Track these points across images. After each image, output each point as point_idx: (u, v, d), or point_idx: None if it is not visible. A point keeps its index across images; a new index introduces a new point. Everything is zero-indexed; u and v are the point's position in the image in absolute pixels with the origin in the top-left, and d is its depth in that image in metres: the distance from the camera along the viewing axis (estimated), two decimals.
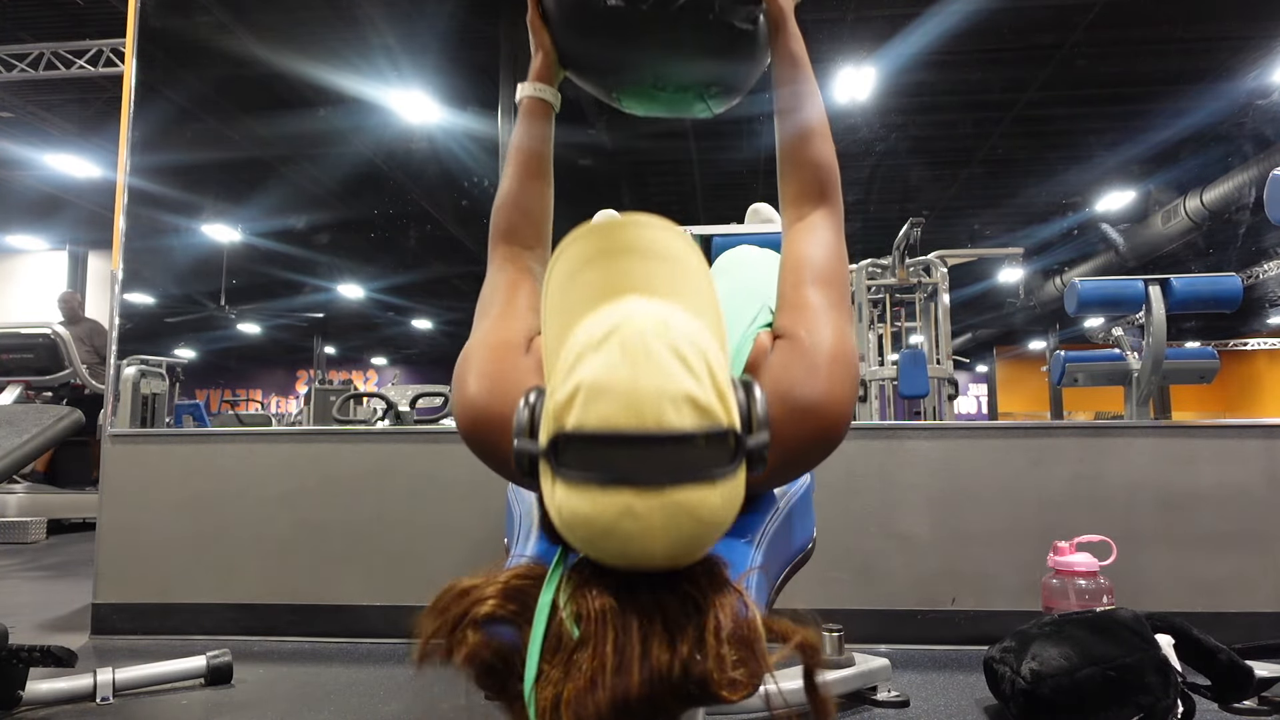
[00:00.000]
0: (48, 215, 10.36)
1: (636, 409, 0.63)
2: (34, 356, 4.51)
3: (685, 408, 0.64)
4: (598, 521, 0.65)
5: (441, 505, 2.46)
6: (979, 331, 13.56)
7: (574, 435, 0.65)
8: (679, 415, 0.63)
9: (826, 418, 0.85)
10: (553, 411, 0.66)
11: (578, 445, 0.65)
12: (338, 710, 1.81)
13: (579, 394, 0.64)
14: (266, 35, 5.83)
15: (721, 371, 0.68)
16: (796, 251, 0.97)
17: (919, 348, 5.13)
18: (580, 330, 0.68)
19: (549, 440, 0.66)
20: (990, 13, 5.33)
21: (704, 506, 0.65)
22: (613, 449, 0.64)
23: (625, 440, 0.63)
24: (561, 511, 0.67)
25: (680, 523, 0.65)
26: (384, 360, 18.73)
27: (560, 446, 0.65)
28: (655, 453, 0.63)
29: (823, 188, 1.00)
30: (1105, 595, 1.92)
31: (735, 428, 0.67)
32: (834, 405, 0.85)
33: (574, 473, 0.65)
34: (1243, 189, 7.19)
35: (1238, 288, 2.90)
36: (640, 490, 0.63)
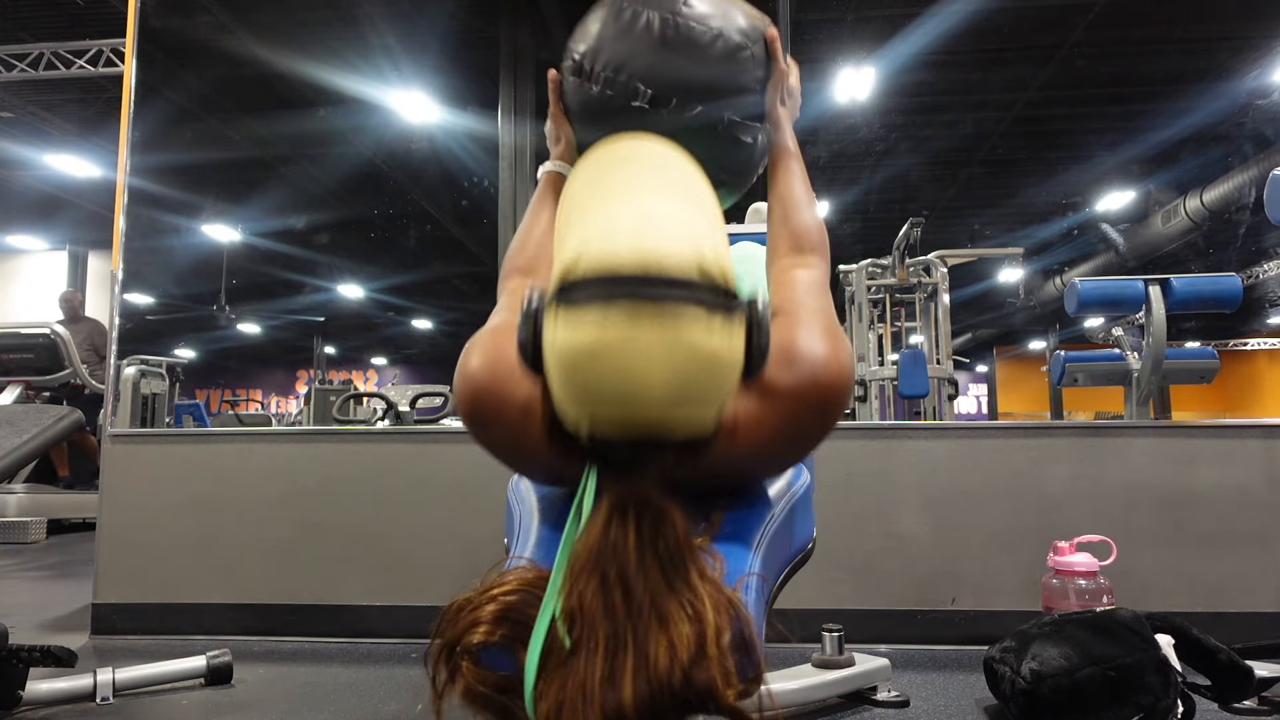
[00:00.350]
0: (48, 215, 10.36)
1: (640, 253, 0.68)
2: (34, 356, 4.51)
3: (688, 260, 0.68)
4: (599, 344, 0.67)
5: (441, 505, 2.46)
6: (979, 331, 13.56)
7: (580, 279, 0.69)
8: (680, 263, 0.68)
9: (830, 379, 0.85)
10: (561, 269, 0.71)
11: (583, 284, 0.68)
12: (338, 710, 1.81)
13: (586, 244, 0.69)
14: (266, 35, 5.83)
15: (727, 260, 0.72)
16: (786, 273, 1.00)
17: (919, 348, 5.13)
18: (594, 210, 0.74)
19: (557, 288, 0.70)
20: (990, 13, 5.33)
21: (702, 338, 0.68)
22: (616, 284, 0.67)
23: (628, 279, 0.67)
24: (563, 349, 0.69)
25: (679, 350, 0.67)
26: (384, 360, 18.73)
27: (567, 289, 0.69)
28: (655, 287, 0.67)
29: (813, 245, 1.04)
30: (1105, 595, 1.92)
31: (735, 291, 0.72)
32: (836, 366, 0.86)
33: (578, 301, 0.68)
34: (1243, 189, 7.19)
35: (1238, 288, 2.90)
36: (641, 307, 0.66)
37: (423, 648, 0.72)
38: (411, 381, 15.15)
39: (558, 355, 0.70)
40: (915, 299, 5.39)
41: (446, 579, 2.27)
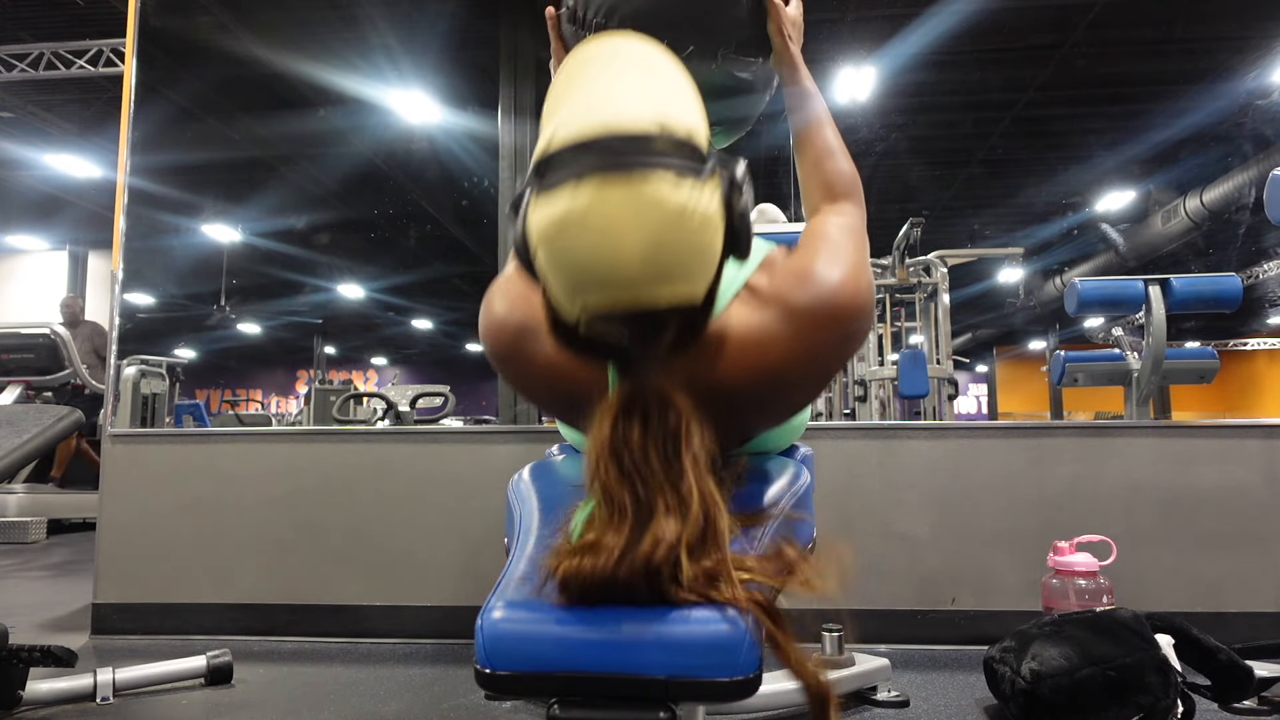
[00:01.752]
0: (48, 215, 10.36)
1: (606, 118, 0.69)
2: (34, 356, 4.51)
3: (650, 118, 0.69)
4: (570, 214, 0.68)
5: (441, 505, 2.46)
6: (979, 331, 13.57)
7: (553, 155, 0.70)
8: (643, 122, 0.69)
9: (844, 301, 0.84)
10: (537, 152, 0.72)
11: (554, 161, 0.70)
12: (338, 710, 1.81)
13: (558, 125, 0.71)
14: (266, 35, 5.83)
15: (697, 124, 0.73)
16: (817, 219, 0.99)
17: (919, 348, 5.13)
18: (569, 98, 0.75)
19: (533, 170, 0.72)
20: (990, 13, 5.33)
21: (670, 195, 0.68)
22: (584, 152, 0.68)
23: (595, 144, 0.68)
24: (542, 228, 0.71)
25: (649, 212, 0.68)
26: (384, 360, 18.74)
27: (542, 169, 0.71)
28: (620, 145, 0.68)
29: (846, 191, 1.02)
30: (1105, 595, 1.92)
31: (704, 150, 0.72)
32: (852, 289, 0.85)
33: (550, 180, 0.69)
34: (1243, 189, 7.19)
35: (1238, 288, 2.90)
36: (608, 175, 0.67)
37: (423, 648, 0.73)
38: (411, 381, 15.16)
39: (539, 236, 0.71)
40: (915, 299, 5.40)
41: (446, 579, 2.29)
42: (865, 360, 5.25)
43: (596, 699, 0.73)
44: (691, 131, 0.72)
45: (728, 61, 1.05)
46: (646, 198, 0.67)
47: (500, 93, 4.47)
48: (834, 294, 0.84)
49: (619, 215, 0.67)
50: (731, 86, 1.08)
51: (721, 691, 0.71)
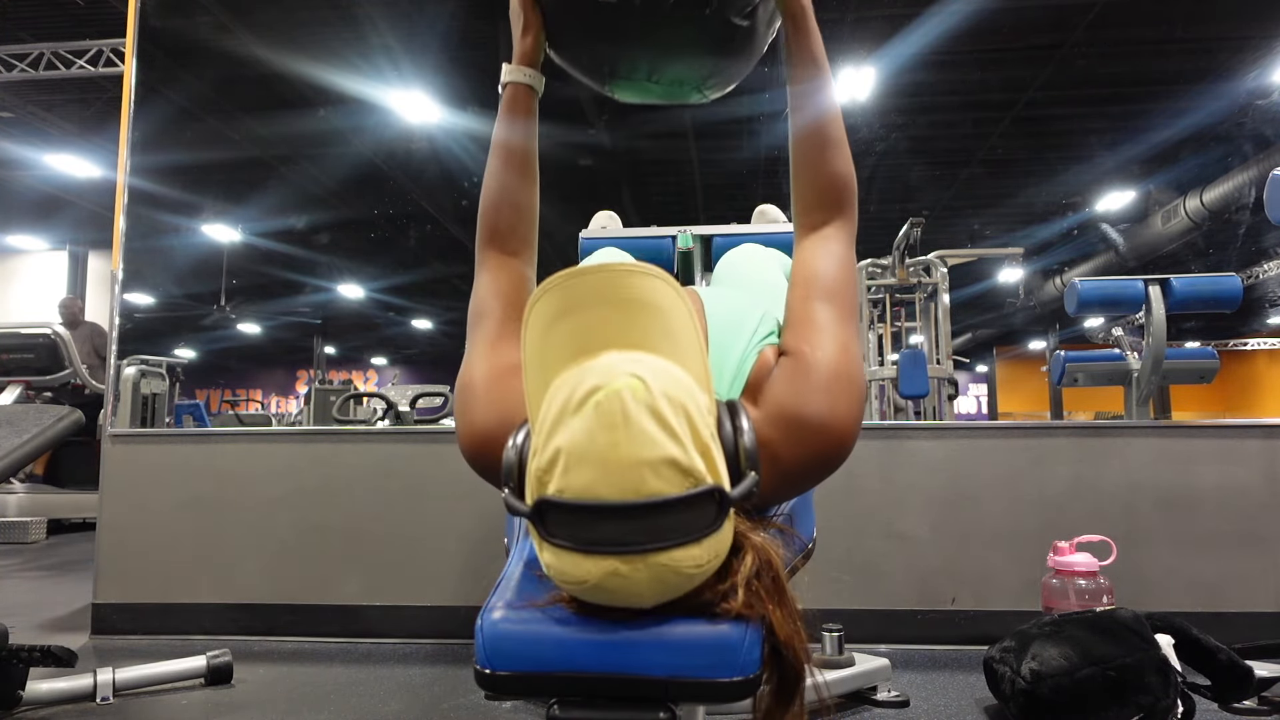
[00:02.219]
0: (48, 215, 10.35)
1: (616, 478, 0.64)
2: (34, 356, 4.51)
3: (666, 472, 0.64)
4: (585, 581, 0.67)
5: (441, 505, 2.46)
6: (979, 331, 13.55)
7: (556, 503, 0.66)
8: (659, 481, 0.64)
9: (830, 437, 0.84)
10: (535, 475, 0.67)
11: (560, 513, 0.66)
12: (338, 710, 1.81)
13: (559, 461, 0.65)
14: (266, 35, 5.82)
15: (704, 426, 0.68)
16: (807, 265, 0.94)
17: (919, 348, 5.13)
18: (558, 388, 0.68)
19: (533, 505, 0.67)
20: (990, 13, 5.33)
21: (688, 562, 0.67)
22: (594, 519, 0.65)
23: (606, 510, 0.64)
24: (550, 569, 0.70)
25: (665, 579, 0.67)
26: (384, 360, 18.73)
27: (544, 512, 0.67)
28: (637, 520, 0.64)
29: (839, 200, 0.97)
30: (1105, 595, 1.92)
31: (720, 484, 0.67)
32: (838, 425, 0.84)
33: (558, 540, 0.67)
34: (1243, 189, 7.19)
35: (1238, 288, 2.90)
36: (624, 557, 0.65)
37: (423, 648, 0.74)
38: (411, 381, 15.14)
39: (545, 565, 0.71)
40: (915, 299, 5.39)
41: (446, 579, 2.29)
42: (865, 360, 5.25)
43: (596, 699, 0.73)
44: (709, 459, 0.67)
45: (723, 6, 0.95)
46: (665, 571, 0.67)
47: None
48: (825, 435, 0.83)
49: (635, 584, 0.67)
50: (724, 40, 0.99)
51: (721, 692, 0.71)
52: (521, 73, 1.01)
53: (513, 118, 1.01)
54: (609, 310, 0.71)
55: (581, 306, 0.71)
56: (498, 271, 0.99)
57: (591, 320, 0.70)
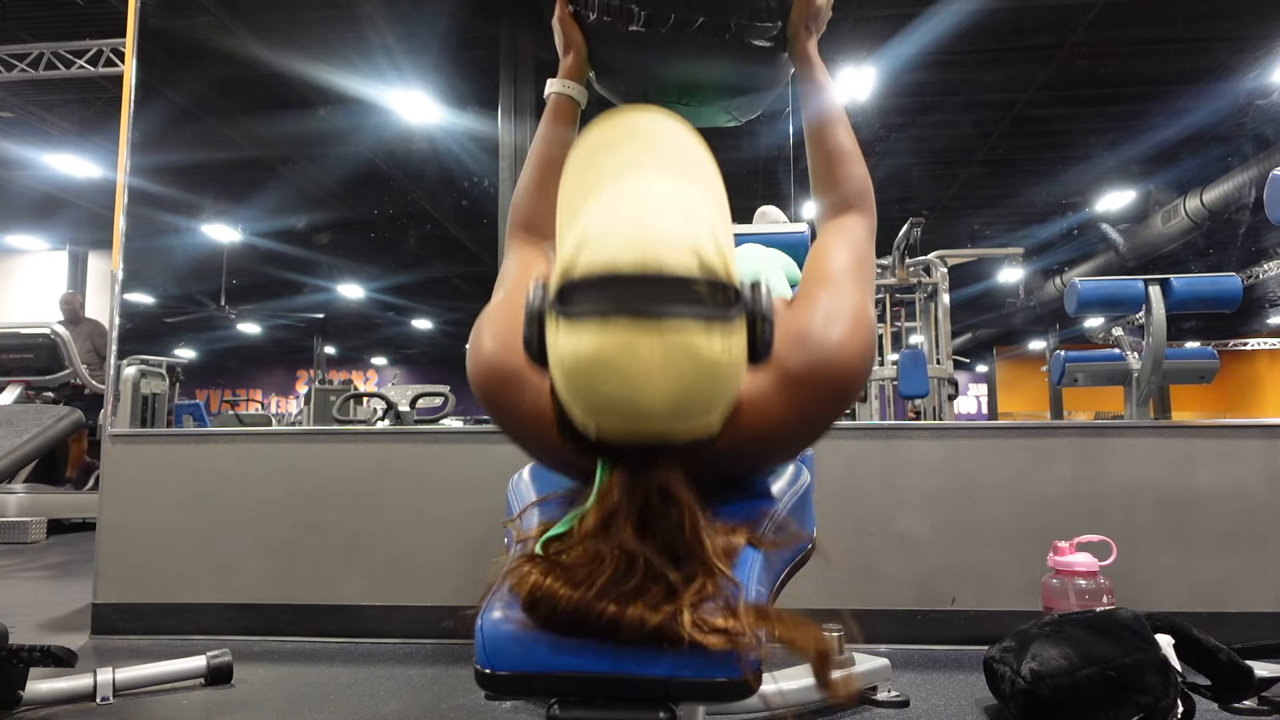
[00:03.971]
0: (48, 215, 10.35)
1: (639, 250, 0.66)
2: (34, 356, 4.51)
3: (687, 253, 0.67)
4: (599, 356, 0.67)
5: (441, 505, 2.46)
6: (979, 331, 13.56)
7: (579, 280, 0.68)
8: (680, 258, 0.67)
9: (842, 365, 0.84)
10: (560, 267, 0.70)
11: (582, 288, 0.67)
12: (338, 710, 1.81)
13: (585, 241, 0.68)
14: (266, 35, 5.83)
15: (727, 243, 0.71)
16: (825, 245, 0.97)
17: (919, 348, 5.13)
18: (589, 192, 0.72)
19: (556, 290, 0.69)
20: (990, 13, 5.33)
21: (703, 348, 0.67)
22: (615, 286, 0.66)
23: (627, 279, 0.66)
24: (564, 358, 0.69)
25: (679, 362, 0.67)
26: (384, 360, 18.74)
27: (566, 292, 0.68)
28: (655, 289, 0.66)
29: (858, 202, 1.01)
30: (1105, 595, 1.92)
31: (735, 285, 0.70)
32: (849, 353, 0.84)
33: (578, 309, 0.67)
34: (1243, 189, 7.19)
35: (1238, 288, 2.90)
36: (639, 321, 0.66)
37: (423, 648, 0.74)
38: (411, 381, 15.14)
39: (559, 362, 0.70)
40: (915, 299, 5.40)
41: (446, 579, 2.29)
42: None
43: (596, 699, 0.73)
44: (725, 263, 0.70)
45: (741, 31, 0.99)
46: (678, 348, 0.66)
47: (500, 93, 4.47)
48: (832, 358, 0.83)
49: (647, 362, 0.66)
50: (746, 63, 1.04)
51: (721, 692, 0.71)
52: (564, 85, 1.06)
53: (553, 126, 1.06)
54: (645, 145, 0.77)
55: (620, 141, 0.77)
56: (524, 250, 1.03)
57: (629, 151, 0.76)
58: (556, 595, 0.70)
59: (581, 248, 0.68)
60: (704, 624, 0.68)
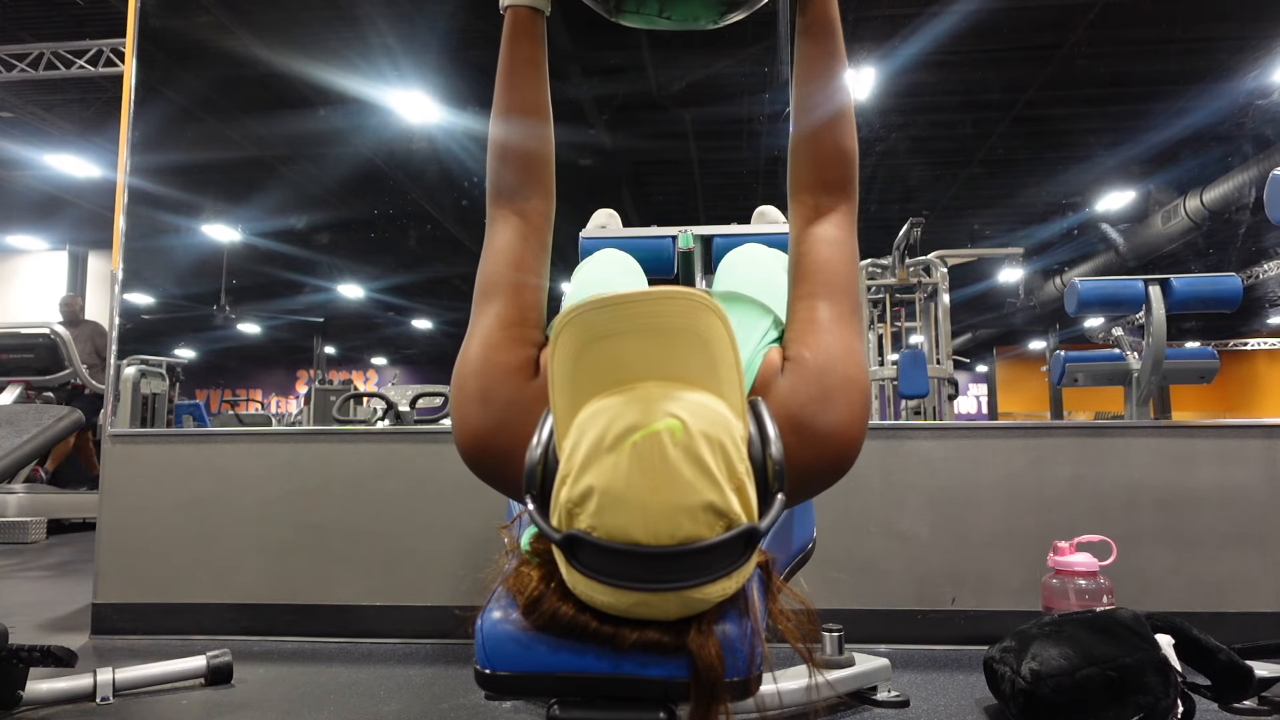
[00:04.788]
0: (48, 215, 10.35)
1: (651, 524, 0.62)
2: (34, 356, 4.50)
3: (702, 517, 0.63)
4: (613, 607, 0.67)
5: (441, 505, 2.46)
6: (979, 331, 13.55)
7: (588, 541, 0.64)
8: (695, 526, 0.63)
9: (837, 444, 0.83)
10: (565, 505, 0.66)
11: (592, 550, 0.65)
12: (338, 710, 1.81)
13: (592, 498, 0.64)
14: (266, 35, 5.83)
15: (740, 461, 0.66)
16: (807, 258, 0.91)
17: (919, 348, 5.13)
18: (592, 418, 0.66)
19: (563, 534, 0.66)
20: (990, 13, 5.33)
21: (717, 593, 0.67)
22: (627, 560, 0.64)
23: (640, 555, 0.63)
24: (576, 590, 0.69)
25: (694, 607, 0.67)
26: (384, 360, 18.73)
27: (574, 544, 0.65)
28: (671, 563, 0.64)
29: (841, 180, 0.92)
30: (1105, 595, 1.92)
31: (754, 522, 0.66)
32: (844, 431, 0.83)
33: (589, 569, 0.66)
34: (1243, 189, 7.19)
35: (1238, 288, 2.90)
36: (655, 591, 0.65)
37: (423, 648, 0.74)
38: (411, 381, 15.14)
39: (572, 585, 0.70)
40: (915, 299, 5.40)
41: (446, 579, 2.29)
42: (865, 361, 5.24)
43: (596, 699, 0.73)
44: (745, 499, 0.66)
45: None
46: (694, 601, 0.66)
47: None
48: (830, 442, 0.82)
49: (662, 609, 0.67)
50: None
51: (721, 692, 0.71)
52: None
53: (515, 46, 0.91)
54: (647, 339, 0.67)
55: (618, 333, 0.66)
56: (511, 232, 0.91)
57: (628, 348, 0.66)
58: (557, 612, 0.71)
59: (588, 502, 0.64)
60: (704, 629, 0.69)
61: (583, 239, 2.03)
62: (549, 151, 0.95)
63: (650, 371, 0.66)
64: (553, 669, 0.72)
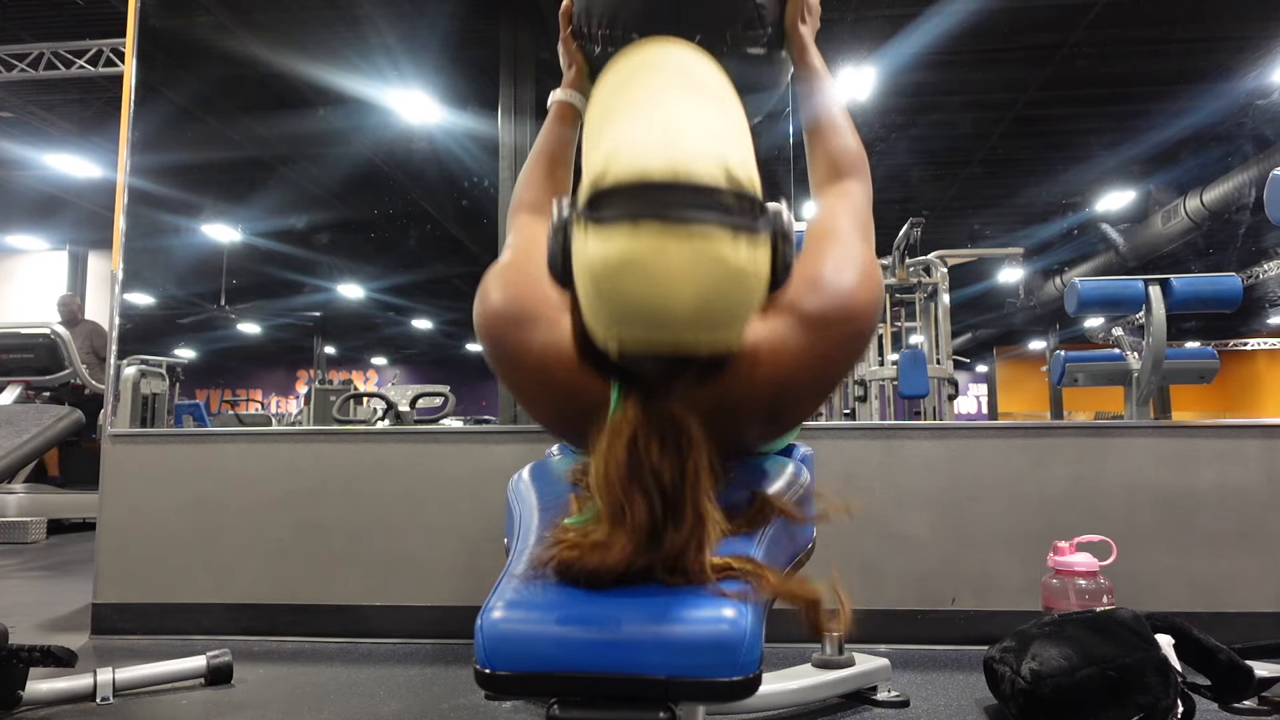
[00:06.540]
0: (48, 215, 10.36)
1: (669, 160, 0.67)
2: (34, 356, 4.51)
3: (715, 165, 0.68)
4: (628, 258, 0.67)
5: (441, 505, 2.46)
6: (979, 331, 13.57)
7: (609, 188, 0.69)
8: (709, 169, 0.68)
9: (855, 306, 0.86)
10: (590, 178, 0.71)
11: (613, 195, 0.69)
12: (338, 710, 1.81)
13: (616, 153, 0.69)
14: (266, 35, 5.83)
15: (751, 163, 0.73)
16: (824, 206, 1.00)
17: (919, 348, 5.13)
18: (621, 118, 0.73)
19: (586, 199, 0.70)
20: (990, 13, 5.32)
21: (729, 255, 0.68)
22: (645, 193, 0.67)
23: (657, 186, 0.67)
24: (593, 262, 0.69)
25: (705, 266, 0.68)
26: (384, 360, 18.74)
27: (596, 200, 0.69)
28: (684, 196, 0.67)
29: (851, 167, 1.03)
30: (1105, 595, 1.92)
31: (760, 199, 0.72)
32: (862, 295, 0.86)
33: (608, 215, 0.68)
34: (1243, 189, 7.19)
35: (1238, 288, 2.90)
36: (669, 225, 0.67)
37: (423, 648, 0.74)
38: (411, 381, 15.16)
39: (587, 269, 0.70)
40: (915, 299, 5.40)
41: (446, 579, 2.29)
42: (865, 360, 5.25)
43: (596, 699, 0.73)
44: (751, 179, 0.71)
45: (738, 41, 1.01)
46: (705, 254, 0.67)
47: (500, 93, 4.46)
48: (847, 299, 0.86)
49: (675, 267, 0.67)
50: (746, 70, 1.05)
51: (721, 691, 0.71)
52: (566, 93, 1.11)
53: (557, 126, 1.11)
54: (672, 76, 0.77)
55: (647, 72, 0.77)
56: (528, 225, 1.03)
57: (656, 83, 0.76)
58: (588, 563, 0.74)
59: (612, 159, 0.69)
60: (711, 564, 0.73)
61: None
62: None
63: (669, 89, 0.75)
64: (553, 669, 0.72)
